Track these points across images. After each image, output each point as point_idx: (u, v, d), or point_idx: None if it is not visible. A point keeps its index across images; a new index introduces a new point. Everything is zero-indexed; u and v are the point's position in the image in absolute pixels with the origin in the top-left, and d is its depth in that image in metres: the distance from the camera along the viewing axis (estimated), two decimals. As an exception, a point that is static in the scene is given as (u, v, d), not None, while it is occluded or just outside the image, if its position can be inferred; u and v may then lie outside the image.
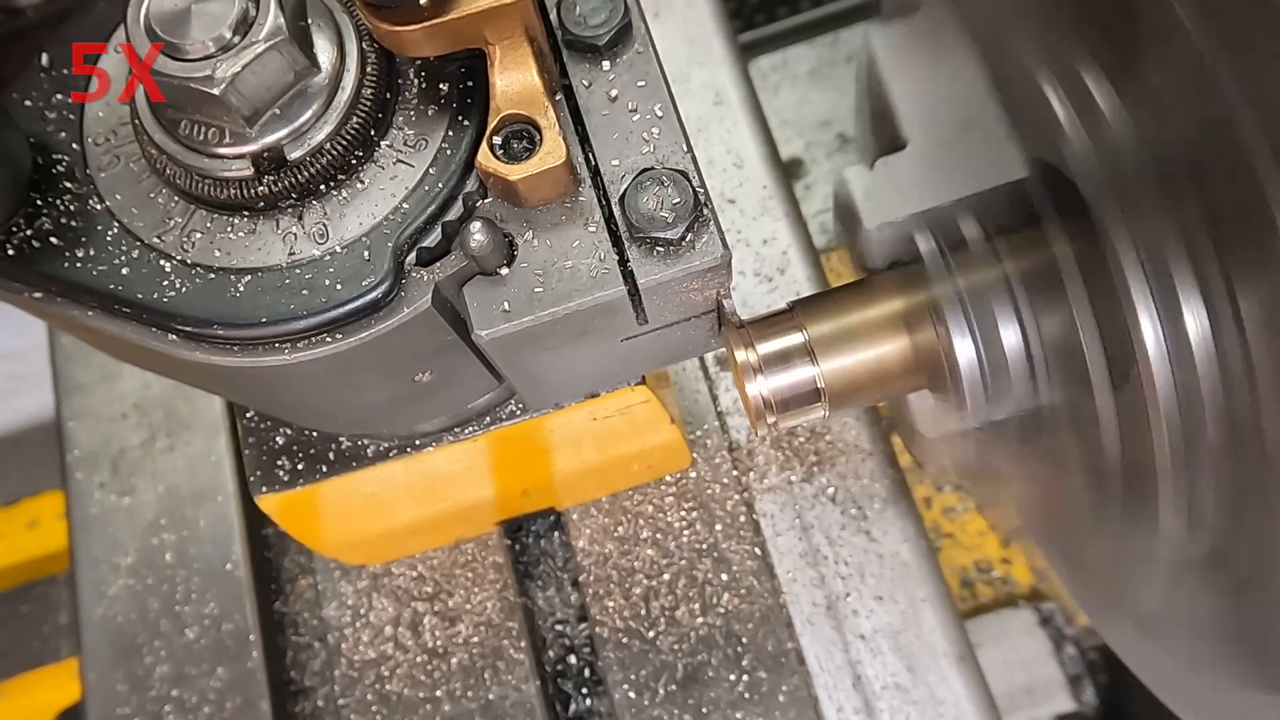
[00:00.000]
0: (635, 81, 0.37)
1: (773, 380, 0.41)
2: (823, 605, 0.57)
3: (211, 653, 0.59)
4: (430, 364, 0.40)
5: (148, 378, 0.63)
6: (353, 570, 0.61)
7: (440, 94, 0.37)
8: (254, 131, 0.34)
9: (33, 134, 0.37)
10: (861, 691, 0.56)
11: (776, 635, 0.57)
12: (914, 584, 0.57)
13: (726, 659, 0.57)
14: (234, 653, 0.59)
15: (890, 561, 0.58)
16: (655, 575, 0.59)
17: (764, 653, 0.57)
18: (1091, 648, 1.58)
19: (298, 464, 0.47)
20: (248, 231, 0.36)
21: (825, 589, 0.58)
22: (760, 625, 0.58)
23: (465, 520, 0.60)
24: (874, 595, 0.57)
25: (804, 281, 0.63)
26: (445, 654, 0.59)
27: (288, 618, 0.62)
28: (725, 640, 0.57)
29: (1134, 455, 0.36)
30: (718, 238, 0.36)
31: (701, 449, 0.61)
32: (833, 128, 1.81)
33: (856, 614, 0.57)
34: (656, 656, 0.58)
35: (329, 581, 0.61)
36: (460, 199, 0.36)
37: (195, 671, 0.59)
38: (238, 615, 0.59)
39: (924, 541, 0.59)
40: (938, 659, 0.56)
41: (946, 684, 0.55)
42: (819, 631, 0.57)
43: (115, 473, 0.62)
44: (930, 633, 0.56)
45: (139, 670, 0.59)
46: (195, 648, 0.59)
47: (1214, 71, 0.29)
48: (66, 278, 0.36)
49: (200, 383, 0.42)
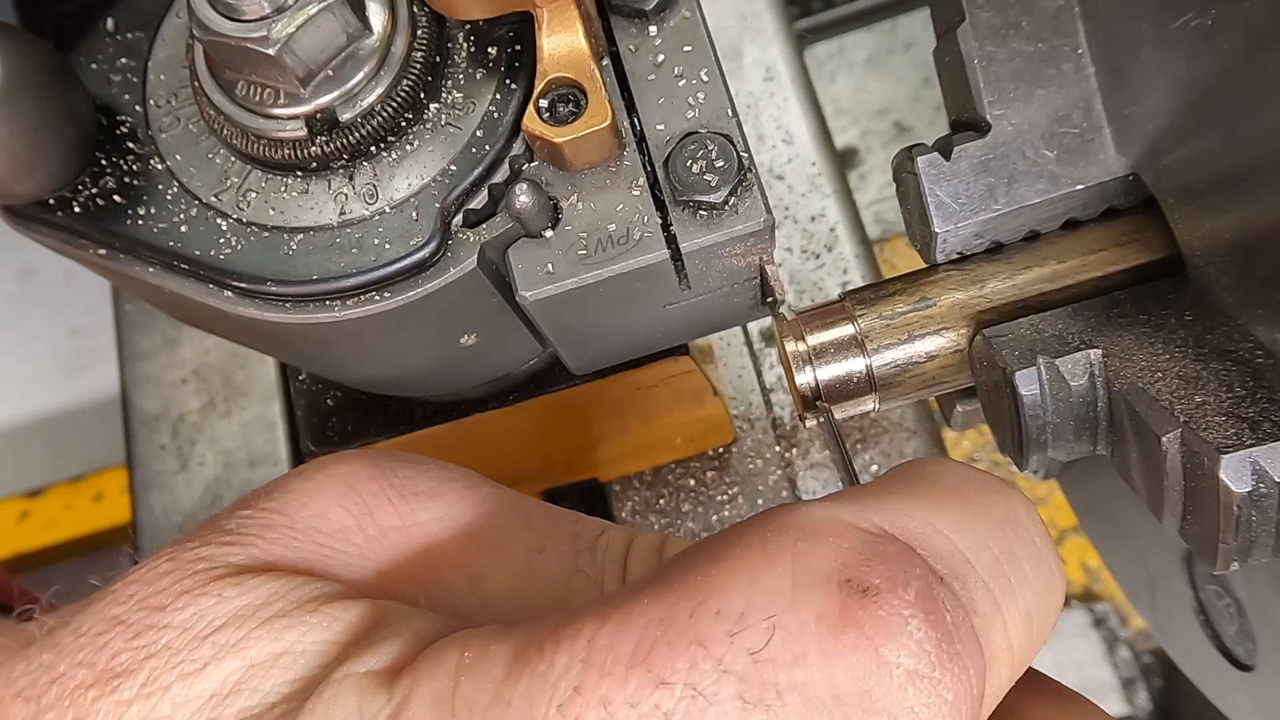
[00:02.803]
0: (681, 46, 0.37)
1: (822, 372, 0.40)
2: (864, 583, 0.57)
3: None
4: (475, 326, 0.40)
5: (207, 344, 0.65)
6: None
7: (488, 58, 0.37)
8: (307, 93, 0.35)
9: (98, 96, 0.38)
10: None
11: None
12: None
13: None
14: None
15: (934, 541, 0.57)
16: (697, 549, 0.59)
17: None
18: (1146, 651, 1.55)
19: (347, 426, 0.48)
20: (300, 191, 0.37)
21: (867, 567, 0.57)
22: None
23: (509, 487, 0.60)
24: (917, 575, 0.57)
25: (851, 259, 0.63)
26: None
27: (337, 582, 0.63)
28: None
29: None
30: (761, 202, 0.36)
31: (745, 424, 0.61)
32: (889, 116, 1.79)
33: (899, 593, 0.57)
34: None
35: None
36: (507, 162, 0.37)
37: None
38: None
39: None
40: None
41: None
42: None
43: (175, 435, 0.64)
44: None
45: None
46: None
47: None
48: (129, 235, 0.37)
49: (254, 342, 0.44)
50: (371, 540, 0.33)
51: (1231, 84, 0.31)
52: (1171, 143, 0.35)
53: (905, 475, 0.29)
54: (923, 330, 0.40)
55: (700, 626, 0.23)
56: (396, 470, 0.34)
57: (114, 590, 0.31)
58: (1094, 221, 0.40)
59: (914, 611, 0.23)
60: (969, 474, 0.29)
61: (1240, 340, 0.34)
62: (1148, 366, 0.35)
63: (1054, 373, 0.36)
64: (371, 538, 0.33)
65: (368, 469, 0.34)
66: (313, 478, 0.33)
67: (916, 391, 0.42)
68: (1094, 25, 0.37)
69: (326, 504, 0.33)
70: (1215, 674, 0.48)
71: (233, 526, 0.32)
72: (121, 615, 0.30)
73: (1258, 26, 0.29)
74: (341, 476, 0.33)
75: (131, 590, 0.30)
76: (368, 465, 0.34)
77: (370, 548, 0.33)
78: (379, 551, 0.33)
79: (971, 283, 0.40)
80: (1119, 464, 0.36)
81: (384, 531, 0.33)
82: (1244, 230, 0.33)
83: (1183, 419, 0.32)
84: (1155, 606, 0.52)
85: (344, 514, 0.33)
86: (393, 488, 0.34)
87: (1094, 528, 0.57)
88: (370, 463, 0.34)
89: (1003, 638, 0.26)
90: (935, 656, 0.23)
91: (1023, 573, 0.27)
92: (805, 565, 0.24)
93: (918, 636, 0.23)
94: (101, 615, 0.30)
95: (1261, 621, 0.43)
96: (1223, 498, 0.30)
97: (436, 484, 0.34)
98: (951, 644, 0.24)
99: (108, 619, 0.30)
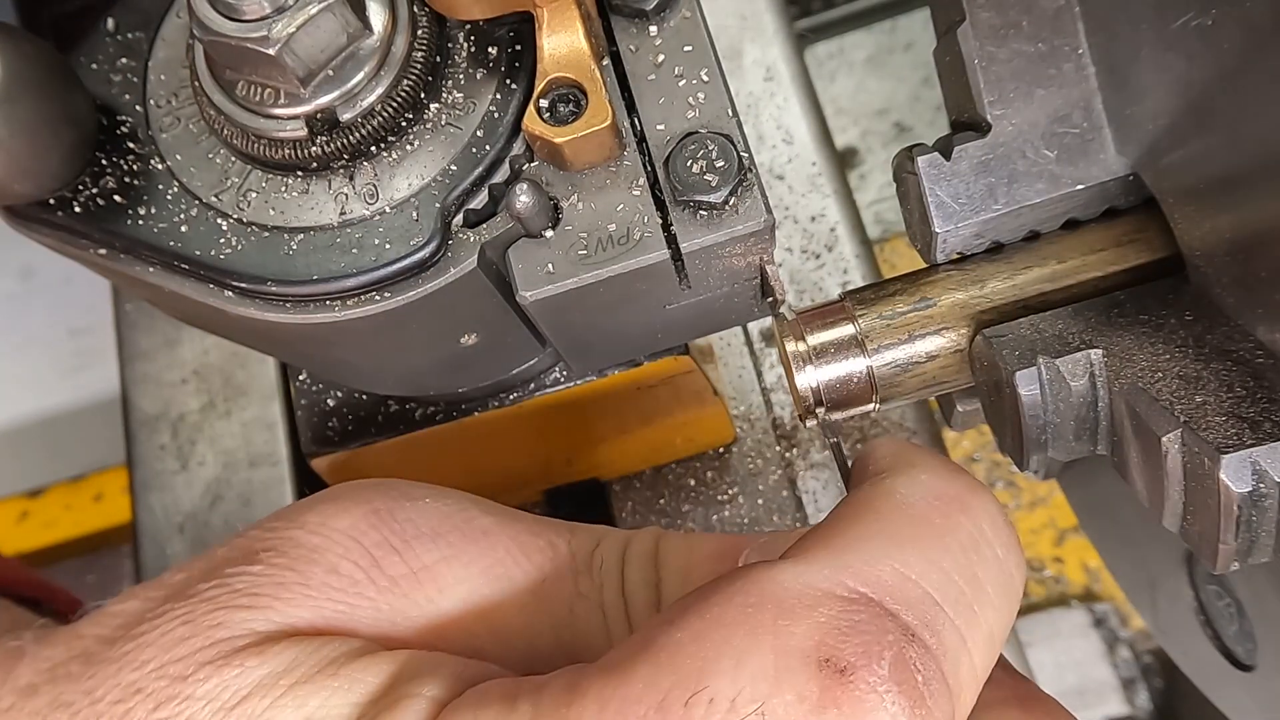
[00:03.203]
0: (682, 46, 0.37)
1: (822, 372, 0.40)
2: (865, 583, 0.57)
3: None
4: (476, 326, 0.40)
5: (207, 344, 0.65)
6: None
7: (489, 58, 0.37)
8: (307, 93, 0.35)
9: (98, 96, 0.38)
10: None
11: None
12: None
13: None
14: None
15: (934, 541, 0.57)
16: (697, 549, 0.59)
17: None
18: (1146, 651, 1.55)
19: (347, 426, 0.48)
20: (301, 191, 0.37)
21: (867, 567, 0.57)
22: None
23: (510, 487, 0.60)
24: (917, 575, 0.57)
25: (851, 259, 0.63)
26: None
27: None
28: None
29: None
30: (761, 202, 0.36)
31: (745, 424, 0.61)
32: (889, 116, 1.79)
33: (899, 593, 0.57)
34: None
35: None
36: (507, 162, 0.37)
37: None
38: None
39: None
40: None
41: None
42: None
43: (175, 435, 0.64)
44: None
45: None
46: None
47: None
48: (129, 234, 0.37)
49: (254, 342, 0.44)
50: (384, 591, 0.33)
51: (1231, 84, 0.31)
52: (1171, 143, 0.35)
53: (873, 502, 0.30)
54: (923, 330, 0.40)
55: (695, 715, 0.25)
56: (395, 514, 0.34)
57: (126, 652, 0.31)
58: (1094, 221, 0.40)
59: (888, 686, 0.25)
60: (936, 488, 0.30)
61: (1240, 340, 0.34)
62: (1148, 366, 0.35)
63: (1054, 373, 0.36)
64: (383, 589, 0.33)
65: (368, 518, 0.34)
66: (317, 531, 0.33)
67: (917, 391, 0.42)
68: (1094, 25, 0.37)
69: (336, 560, 0.33)
70: (1215, 674, 0.48)
71: (243, 587, 0.32)
72: (140, 683, 0.30)
73: (1258, 26, 0.29)
74: (344, 530, 0.34)
75: (146, 656, 0.30)
76: (367, 514, 0.34)
77: (383, 598, 0.33)
78: (393, 601, 0.33)
79: (972, 283, 0.40)
80: (1119, 464, 0.36)
81: (394, 581, 0.33)
82: (1244, 230, 0.33)
83: (1183, 419, 0.32)
84: (1155, 606, 0.52)
85: (353, 568, 0.33)
86: (395, 535, 0.34)
87: (1094, 528, 0.57)
88: (370, 509, 0.34)
89: (968, 668, 0.28)
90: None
91: (985, 596, 0.29)
92: (785, 645, 0.25)
93: (893, 710, 0.25)
94: (117, 681, 0.30)
95: (1261, 621, 0.43)
96: (1223, 498, 0.30)
97: (437, 522, 0.35)
98: (924, 705, 0.26)
99: (125, 685, 0.30)
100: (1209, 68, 0.32)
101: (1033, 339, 0.37)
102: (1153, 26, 0.33)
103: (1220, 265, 0.34)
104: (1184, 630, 0.49)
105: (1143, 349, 0.35)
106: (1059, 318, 0.38)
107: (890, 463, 0.32)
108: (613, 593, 0.34)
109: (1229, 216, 0.33)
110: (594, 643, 0.34)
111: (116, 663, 0.30)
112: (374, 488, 0.36)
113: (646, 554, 0.35)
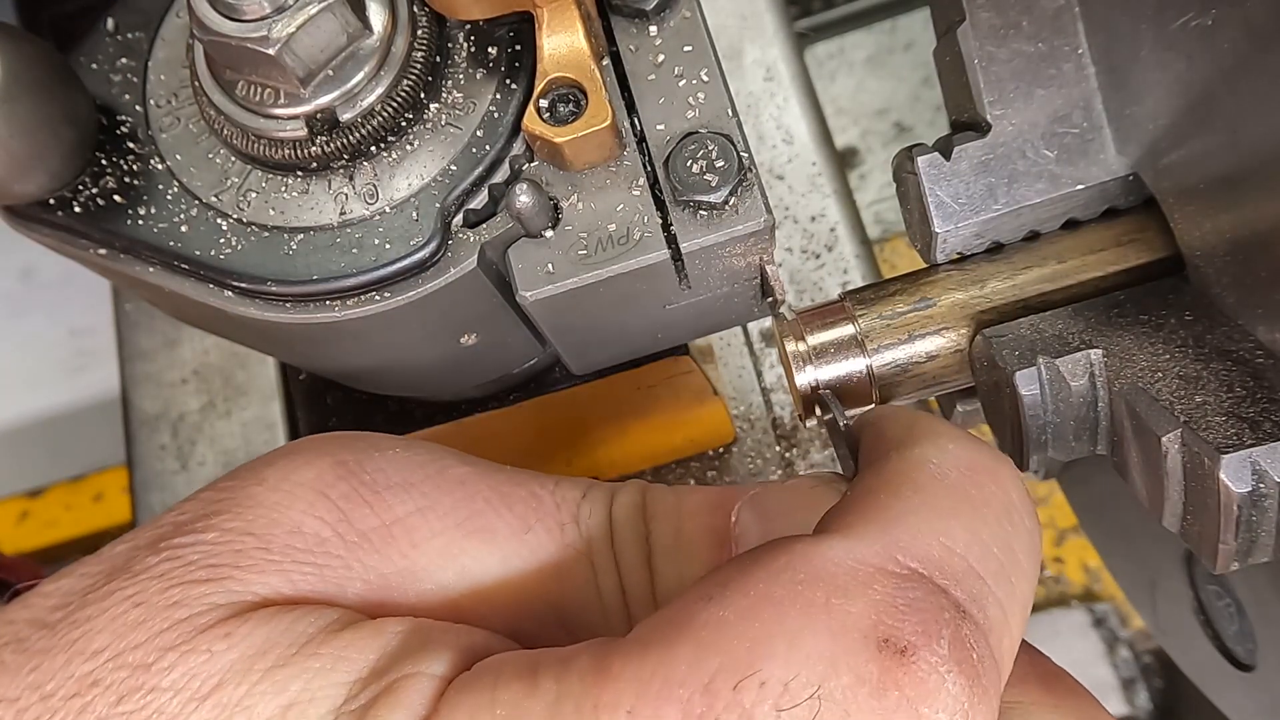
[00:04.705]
0: (681, 46, 0.37)
1: (822, 372, 0.41)
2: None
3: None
4: (475, 326, 0.40)
5: (207, 344, 0.65)
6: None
7: (489, 58, 0.37)
8: (307, 93, 0.35)
9: (98, 96, 0.38)
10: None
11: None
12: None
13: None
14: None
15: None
16: (697, 549, 0.59)
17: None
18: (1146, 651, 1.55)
19: (347, 426, 0.48)
20: (301, 191, 0.37)
21: (867, 567, 0.57)
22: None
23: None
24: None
25: (851, 259, 0.63)
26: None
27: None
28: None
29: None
30: (761, 202, 0.36)
31: (745, 424, 0.61)
32: (889, 116, 1.79)
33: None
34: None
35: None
36: (507, 162, 0.37)
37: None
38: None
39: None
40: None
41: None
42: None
43: (175, 435, 0.64)
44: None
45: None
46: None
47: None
48: (129, 234, 0.37)
49: (254, 342, 0.44)
50: (353, 547, 0.30)
51: (1231, 84, 0.31)
52: (1171, 143, 0.35)
53: (910, 473, 0.29)
54: (923, 330, 0.40)
55: (746, 700, 0.23)
56: (364, 464, 0.32)
57: (73, 640, 0.27)
58: (1094, 221, 0.40)
59: (949, 666, 0.24)
60: (966, 458, 0.29)
61: (1240, 340, 0.34)
62: (1148, 366, 0.35)
63: (1054, 373, 0.36)
64: (353, 544, 0.30)
65: (335, 469, 0.31)
66: (278, 488, 0.30)
67: (917, 391, 0.42)
68: (1094, 25, 0.37)
69: (299, 517, 0.30)
70: (1215, 674, 0.48)
71: (197, 558, 0.29)
72: (96, 675, 0.26)
73: (1258, 26, 0.29)
74: (309, 483, 0.31)
75: (99, 644, 0.27)
76: (334, 464, 0.31)
77: (354, 555, 0.30)
78: (364, 558, 0.30)
79: (971, 283, 0.40)
80: (1119, 464, 0.36)
81: (364, 535, 0.30)
82: (1244, 230, 0.33)
83: (1183, 419, 0.32)
84: (1155, 606, 0.52)
85: (319, 524, 0.30)
86: (365, 485, 0.31)
87: (1094, 528, 0.57)
88: (336, 460, 0.31)
89: (1010, 642, 0.27)
90: (968, 703, 0.24)
91: (1020, 567, 0.28)
92: (842, 625, 0.24)
93: (954, 691, 0.24)
94: (69, 673, 0.27)
95: (1261, 621, 0.43)
96: (1223, 498, 0.30)
97: (409, 471, 0.32)
98: (980, 682, 0.25)
99: (79, 678, 0.27)
100: (1209, 68, 0.32)
101: (1033, 339, 0.37)
102: (1153, 26, 0.33)
103: (1220, 265, 0.35)
104: (1184, 630, 0.49)
105: (1143, 349, 0.35)
106: (1059, 318, 0.38)
107: (907, 432, 0.30)
108: (601, 544, 0.32)
109: (1229, 216, 0.33)
110: (584, 598, 0.32)
111: (64, 652, 0.27)
112: (339, 439, 0.33)
113: (634, 505, 0.33)
